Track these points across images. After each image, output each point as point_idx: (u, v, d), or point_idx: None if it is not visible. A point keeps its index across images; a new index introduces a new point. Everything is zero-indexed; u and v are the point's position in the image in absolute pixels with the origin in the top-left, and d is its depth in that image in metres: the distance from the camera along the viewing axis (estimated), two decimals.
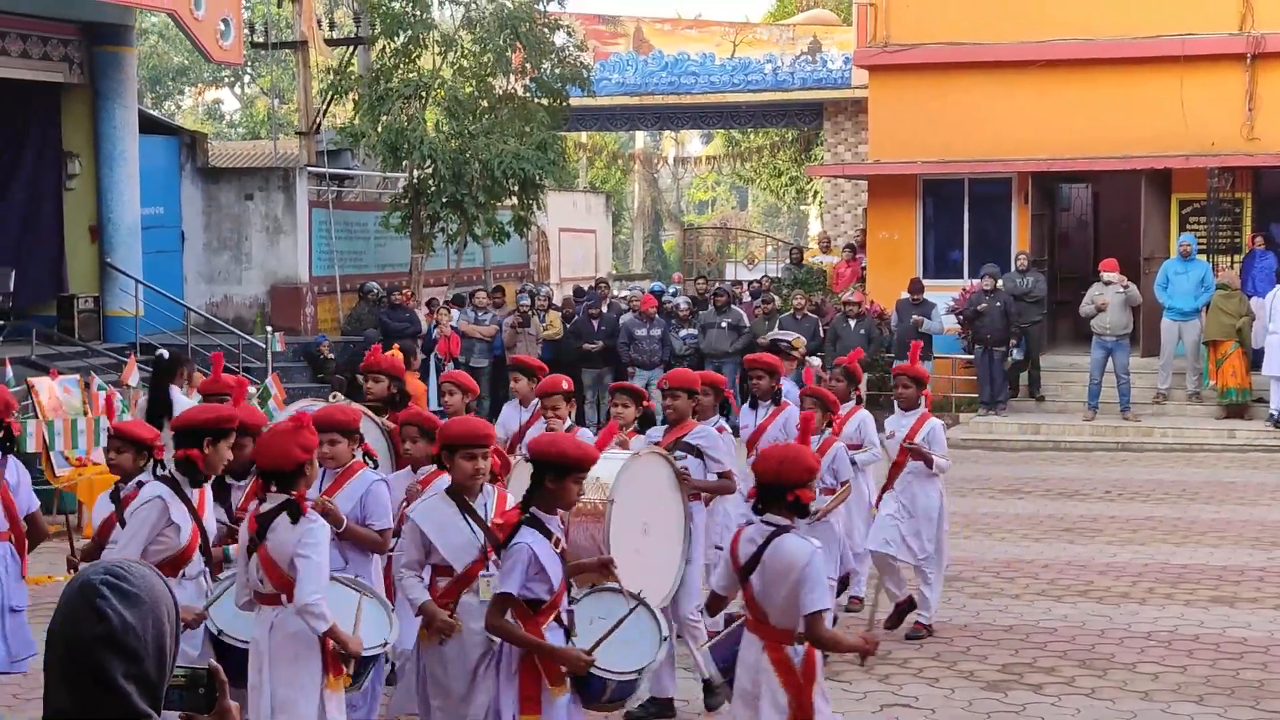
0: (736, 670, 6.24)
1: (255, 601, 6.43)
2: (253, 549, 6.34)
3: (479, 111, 23.70)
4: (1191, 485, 16.55)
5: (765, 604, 6.09)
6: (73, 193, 21.50)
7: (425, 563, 6.67)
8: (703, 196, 65.17)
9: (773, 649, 6.08)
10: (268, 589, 6.35)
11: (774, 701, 6.06)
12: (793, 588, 5.95)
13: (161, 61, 51.31)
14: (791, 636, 6.06)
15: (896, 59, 22.63)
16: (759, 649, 6.12)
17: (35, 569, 10.54)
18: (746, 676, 6.17)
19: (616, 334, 21.64)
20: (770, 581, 6.04)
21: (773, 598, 6.05)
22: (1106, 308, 19.84)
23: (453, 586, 6.62)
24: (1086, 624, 10.63)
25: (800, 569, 5.92)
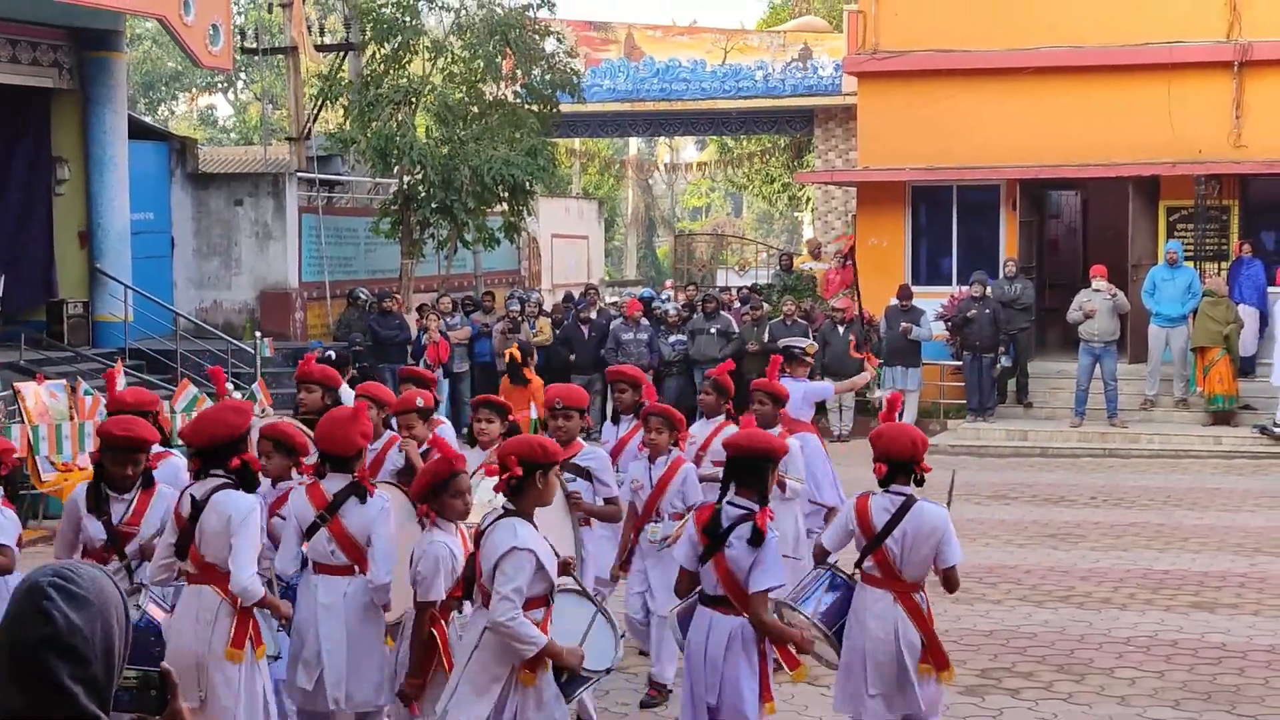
0: (867, 621, 6.96)
1: (319, 572, 7.04)
2: (321, 524, 6.97)
3: (469, 117, 23.74)
4: (1177, 491, 16.59)
5: (902, 562, 6.91)
6: (62, 198, 21.53)
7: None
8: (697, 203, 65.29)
9: (905, 599, 6.93)
10: (339, 561, 7.02)
11: (909, 642, 6.92)
12: (934, 546, 6.92)
13: (155, 67, 51.35)
14: (919, 587, 7.00)
15: (885, 66, 22.68)
16: (890, 600, 6.93)
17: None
18: (880, 626, 6.92)
19: (605, 340, 21.68)
20: (913, 542, 6.90)
21: (911, 556, 6.91)
22: (1095, 314, 19.89)
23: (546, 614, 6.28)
24: (1066, 629, 10.66)
25: (941, 530, 6.98)
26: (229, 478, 6.64)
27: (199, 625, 6.56)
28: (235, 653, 6.54)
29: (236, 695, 6.57)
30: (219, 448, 6.67)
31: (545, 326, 22.29)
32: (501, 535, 6.05)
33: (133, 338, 21.11)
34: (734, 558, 6.41)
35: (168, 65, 52.01)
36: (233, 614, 6.58)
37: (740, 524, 6.41)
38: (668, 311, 22.23)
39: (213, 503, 6.54)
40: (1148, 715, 8.69)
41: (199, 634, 6.55)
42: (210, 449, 6.70)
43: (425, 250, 24.39)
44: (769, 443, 6.78)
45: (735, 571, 6.42)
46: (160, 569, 6.78)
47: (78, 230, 21.62)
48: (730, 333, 21.62)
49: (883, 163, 22.85)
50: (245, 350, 20.92)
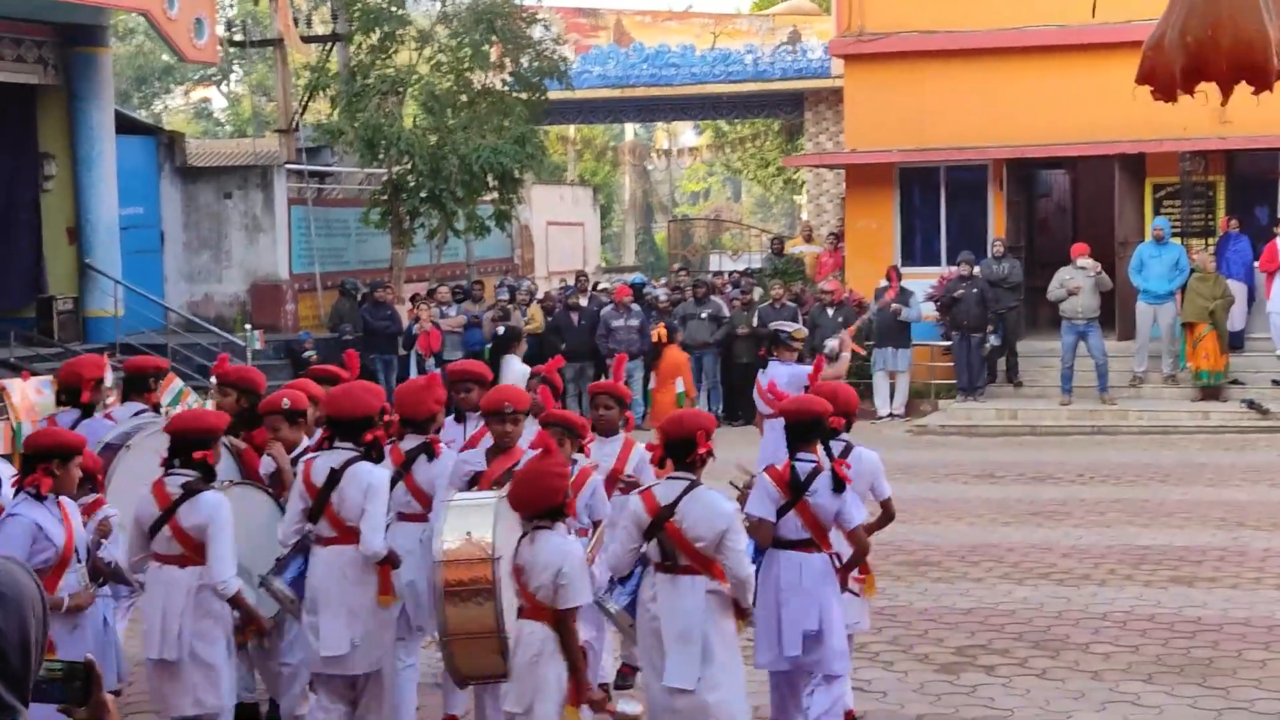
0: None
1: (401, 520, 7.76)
2: (398, 479, 7.65)
3: (457, 106, 23.76)
4: (1163, 467, 16.63)
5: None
6: (50, 194, 21.57)
7: None
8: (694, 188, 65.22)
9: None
10: (416, 509, 7.87)
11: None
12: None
13: (148, 61, 51.34)
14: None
15: (872, 48, 22.69)
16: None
17: None
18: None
19: (597, 326, 21.71)
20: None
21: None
22: (1079, 292, 19.92)
23: None
24: (1044, 606, 10.71)
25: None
26: (358, 450, 7.27)
27: (343, 581, 7.21)
28: (385, 599, 7.27)
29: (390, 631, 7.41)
30: (354, 423, 7.32)
31: (536, 314, 22.31)
32: (719, 503, 6.72)
33: (124, 333, 21.15)
34: (819, 505, 7.29)
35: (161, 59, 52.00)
36: (375, 566, 7.25)
37: (816, 475, 7.28)
38: (658, 297, 22.25)
39: (351, 473, 7.16)
40: (1120, 689, 8.74)
41: (344, 588, 7.20)
42: (345, 423, 7.34)
43: (416, 240, 24.43)
44: (816, 406, 7.59)
45: (821, 516, 7.30)
46: (292, 532, 7.38)
47: (66, 226, 21.66)
48: (721, 317, 21.66)
49: (870, 145, 22.86)
50: (236, 343, 20.95)
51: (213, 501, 7.02)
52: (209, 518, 6.96)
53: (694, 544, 6.64)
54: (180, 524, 7.00)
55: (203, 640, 7.04)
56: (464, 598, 6.59)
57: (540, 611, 6.31)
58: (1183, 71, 4.14)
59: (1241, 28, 3.94)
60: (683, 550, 6.70)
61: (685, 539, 6.64)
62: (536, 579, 6.27)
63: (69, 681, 3.08)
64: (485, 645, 6.58)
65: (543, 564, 6.25)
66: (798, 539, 7.31)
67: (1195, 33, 4.06)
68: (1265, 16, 4.03)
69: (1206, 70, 4.13)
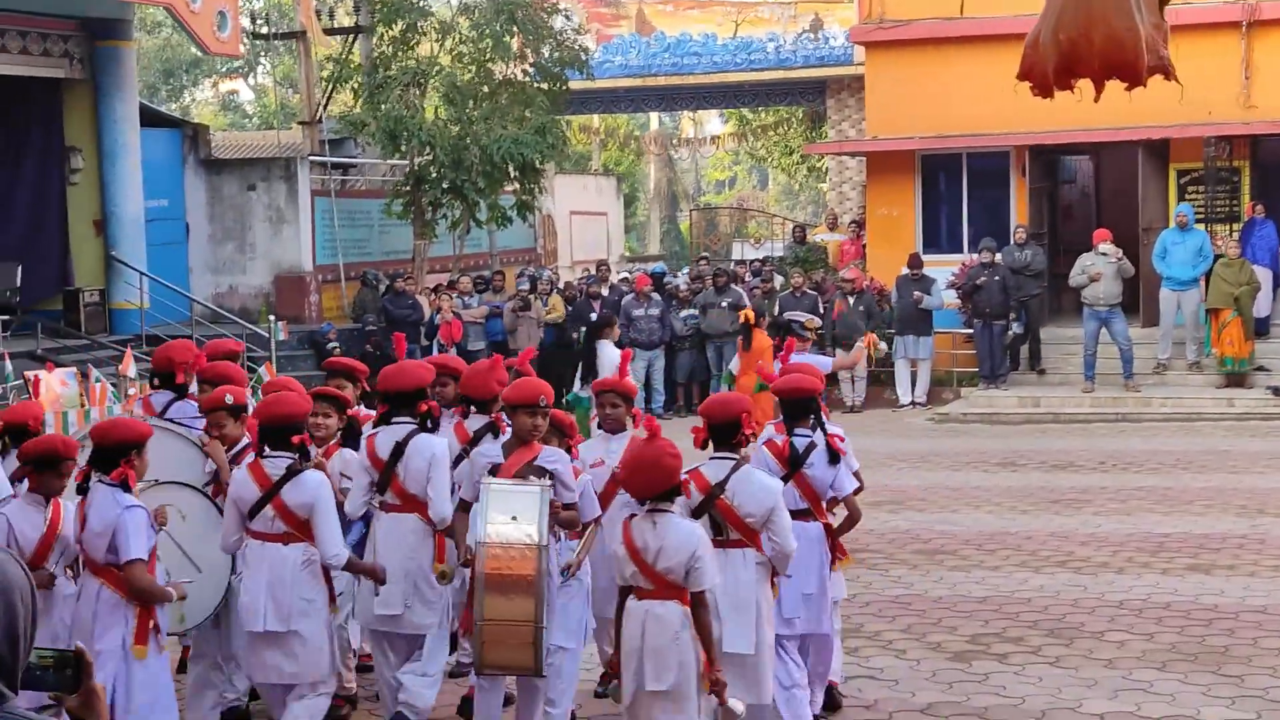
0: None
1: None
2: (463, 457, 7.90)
3: (478, 97, 23.80)
4: (1186, 455, 16.58)
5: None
6: (76, 187, 21.73)
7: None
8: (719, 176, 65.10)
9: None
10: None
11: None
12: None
13: (175, 54, 51.49)
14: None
15: (892, 35, 22.65)
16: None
17: None
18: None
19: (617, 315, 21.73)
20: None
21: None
22: (1100, 278, 19.86)
23: None
24: (1061, 594, 10.71)
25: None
26: (414, 421, 7.77)
27: (403, 546, 7.70)
28: (439, 567, 7.72)
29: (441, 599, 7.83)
30: (409, 395, 7.84)
31: (557, 304, 22.37)
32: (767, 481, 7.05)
33: (149, 324, 21.28)
34: (815, 476, 7.74)
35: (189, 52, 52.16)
36: (432, 534, 7.72)
37: (812, 450, 7.74)
38: (678, 286, 22.28)
39: (414, 445, 7.71)
40: (1133, 677, 8.74)
41: (403, 554, 7.68)
42: (400, 396, 7.85)
43: (438, 230, 24.49)
44: (809, 384, 7.98)
45: (818, 487, 7.77)
46: (360, 504, 7.89)
47: (92, 219, 21.81)
48: (741, 306, 21.64)
49: (892, 132, 22.83)
50: (260, 334, 21.07)
51: (316, 480, 7.30)
52: (314, 496, 7.23)
53: (745, 519, 6.89)
54: (285, 503, 7.23)
55: (309, 613, 7.28)
56: (506, 586, 6.66)
57: (672, 590, 6.38)
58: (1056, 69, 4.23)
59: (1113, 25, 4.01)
60: (733, 525, 6.95)
61: (736, 515, 6.89)
62: (667, 561, 6.34)
63: (60, 669, 3.14)
64: (520, 635, 6.65)
65: (675, 547, 6.33)
66: (796, 509, 7.55)
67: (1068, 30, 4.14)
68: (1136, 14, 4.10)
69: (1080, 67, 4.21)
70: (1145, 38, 4.19)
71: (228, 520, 7.39)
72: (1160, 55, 4.19)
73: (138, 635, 6.79)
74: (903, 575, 11.50)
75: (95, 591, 6.81)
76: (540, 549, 6.69)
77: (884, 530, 13.03)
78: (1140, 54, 4.15)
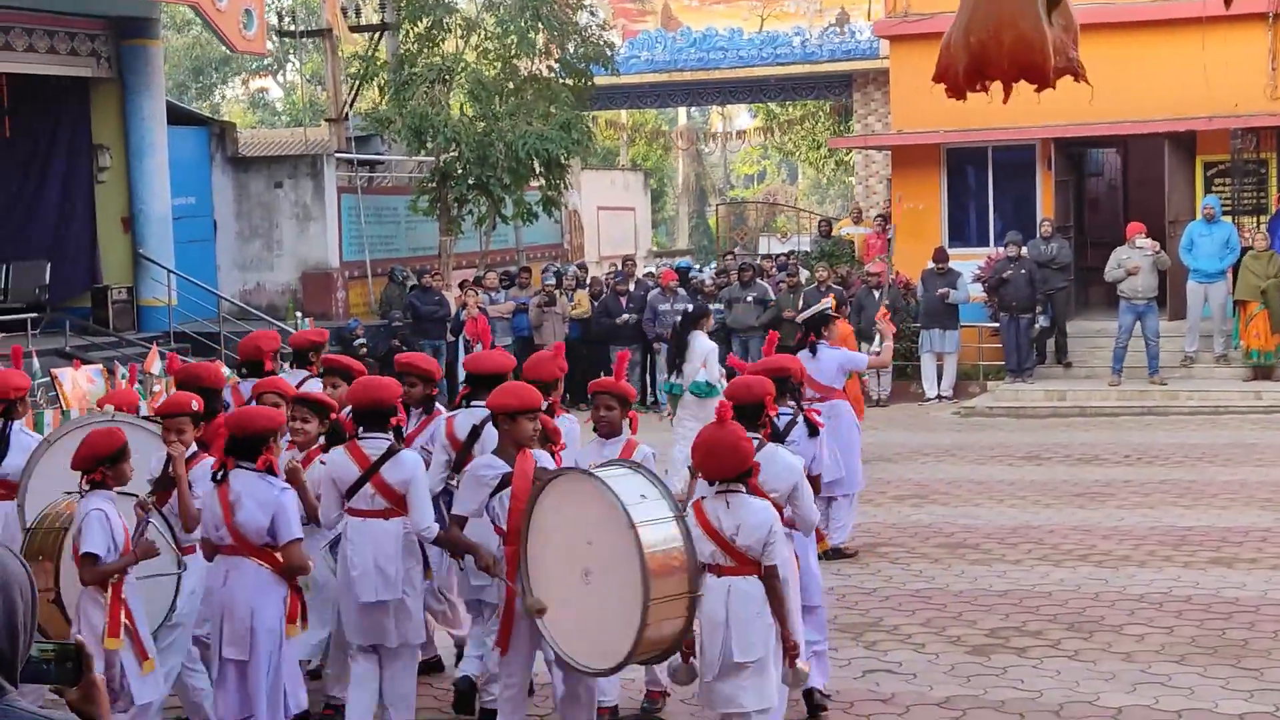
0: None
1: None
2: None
3: (504, 94, 23.86)
4: (1212, 448, 16.51)
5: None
6: (104, 185, 21.86)
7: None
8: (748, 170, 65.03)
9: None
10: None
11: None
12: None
13: (205, 52, 51.74)
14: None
15: (917, 28, 22.54)
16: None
17: None
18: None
19: (643, 311, 21.78)
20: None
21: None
22: (1138, 271, 19.77)
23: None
24: (1082, 587, 10.68)
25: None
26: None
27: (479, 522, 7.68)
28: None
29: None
30: (489, 379, 8.24)
31: (583, 299, 22.41)
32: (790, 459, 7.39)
33: (177, 321, 21.42)
34: (797, 451, 7.95)
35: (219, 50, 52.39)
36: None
37: (794, 425, 8.31)
38: (704, 281, 22.28)
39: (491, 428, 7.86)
40: (1151, 670, 8.72)
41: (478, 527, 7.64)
42: (482, 380, 8.35)
43: (464, 226, 24.56)
44: (784, 363, 8.59)
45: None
46: (439, 481, 8.23)
47: (120, 216, 21.95)
48: (767, 300, 21.66)
49: (917, 126, 22.78)
50: (287, 330, 21.14)
51: (412, 459, 7.73)
52: (411, 473, 7.61)
53: (770, 495, 7.13)
54: (385, 480, 7.61)
55: (412, 582, 7.73)
56: (663, 563, 6.67)
57: (751, 566, 6.72)
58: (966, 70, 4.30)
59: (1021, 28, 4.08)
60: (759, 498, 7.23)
61: (761, 490, 7.09)
62: (747, 538, 6.69)
63: (61, 662, 3.18)
64: (678, 606, 6.71)
65: (754, 524, 6.68)
66: None
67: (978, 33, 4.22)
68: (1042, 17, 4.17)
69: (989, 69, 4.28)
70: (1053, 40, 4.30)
71: (327, 499, 7.71)
72: (1069, 57, 4.30)
73: (291, 613, 7.23)
74: (924, 569, 11.50)
75: (253, 571, 7.18)
76: (679, 519, 6.77)
77: (906, 524, 13.03)
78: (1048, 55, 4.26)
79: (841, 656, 9.26)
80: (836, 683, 8.75)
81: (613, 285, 22.68)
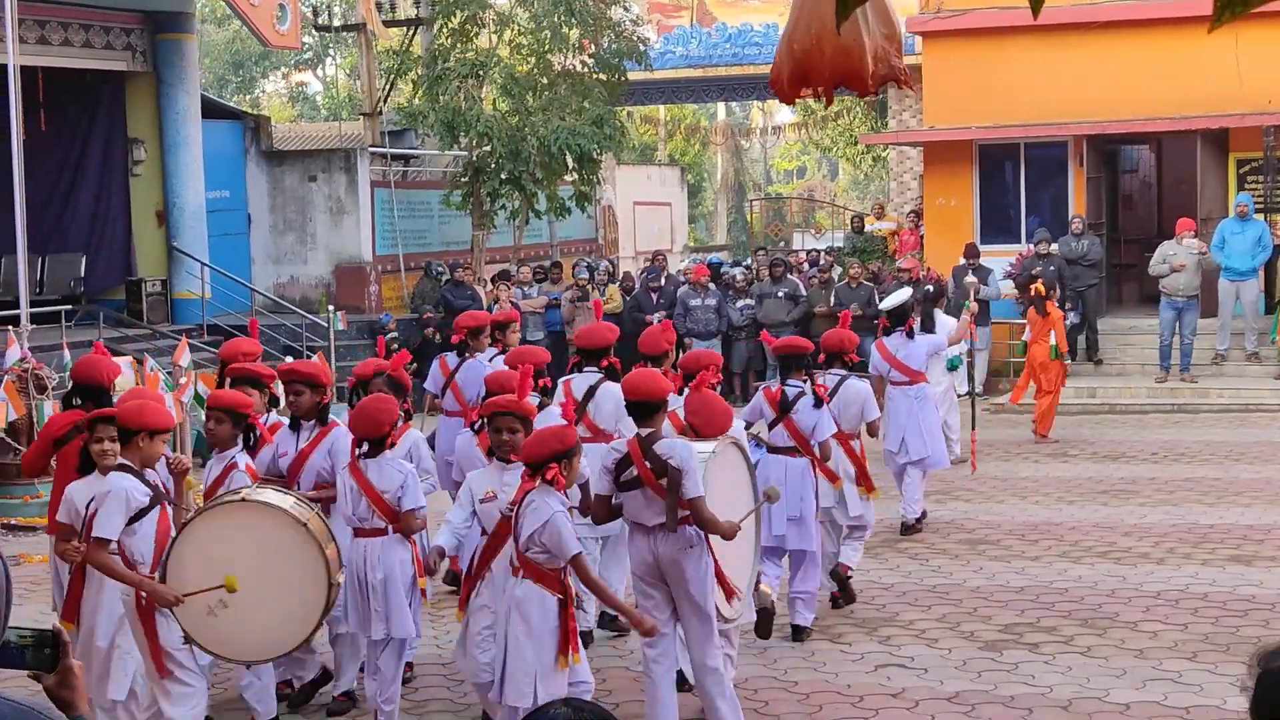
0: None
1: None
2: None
3: (537, 89, 23.92)
4: (1240, 446, 16.44)
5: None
6: (139, 179, 22.06)
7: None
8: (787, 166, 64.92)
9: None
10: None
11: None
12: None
13: (245, 46, 52.02)
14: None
15: (949, 25, 22.54)
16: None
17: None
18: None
19: (674, 306, 21.81)
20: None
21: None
22: (1183, 269, 19.64)
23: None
24: (1099, 584, 10.68)
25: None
26: (601, 371, 9.72)
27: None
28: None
29: None
30: (598, 351, 9.82)
31: (615, 294, 22.45)
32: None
33: (210, 314, 21.59)
34: (800, 420, 9.40)
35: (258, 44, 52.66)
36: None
37: (800, 397, 9.41)
38: (735, 277, 22.30)
39: (603, 389, 9.60)
40: (1163, 667, 8.73)
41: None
42: (590, 351, 9.83)
43: (496, 221, 24.65)
44: (801, 344, 9.97)
45: (802, 429, 9.40)
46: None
47: (155, 210, 22.15)
48: (798, 296, 21.66)
49: (949, 122, 22.74)
50: (320, 324, 21.30)
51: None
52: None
53: (801, 433, 9.32)
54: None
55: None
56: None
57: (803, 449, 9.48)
58: (790, 76, 4.41)
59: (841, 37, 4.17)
60: (791, 435, 9.38)
61: (796, 428, 9.34)
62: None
63: (39, 648, 3.25)
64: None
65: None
66: (785, 446, 9.46)
67: (801, 41, 4.33)
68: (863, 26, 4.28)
69: (812, 76, 4.39)
70: (873, 48, 4.41)
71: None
72: (891, 64, 4.43)
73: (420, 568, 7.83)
74: (943, 565, 11.52)
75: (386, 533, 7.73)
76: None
77: (929, 520, 13.01)
78: (867, 64, 4.37)
79: (855, 651, 9.30)
80: (848, 677, 8.81)
81: (645, 281, 22.72)
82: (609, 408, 9.42)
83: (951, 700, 8.36)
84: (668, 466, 7.08)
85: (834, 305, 20.80)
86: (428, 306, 21.66)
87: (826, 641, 9.56)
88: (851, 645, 9.42)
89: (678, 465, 7.06)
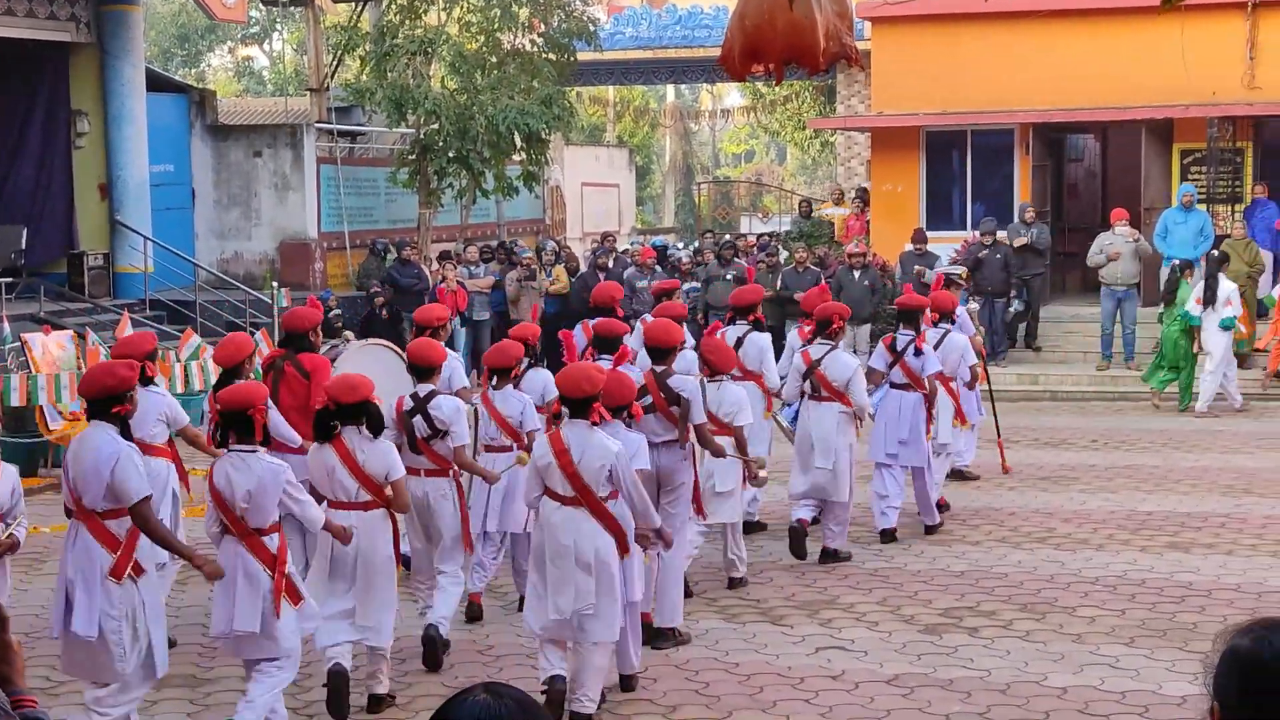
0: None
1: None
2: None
3: (486, 67, 23.81)
4: (1179, 434, 16.61)
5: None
6: (82, 151, 21.81)
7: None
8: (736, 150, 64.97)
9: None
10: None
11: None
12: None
13: (191, 19, 51.55)
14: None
15: (898, 10, 22.56)
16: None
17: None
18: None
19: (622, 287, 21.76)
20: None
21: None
22: (1118, 258, 19.82)
23: None
24: (1038, 569, 10.77)
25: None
26: (749, 325, 11.72)
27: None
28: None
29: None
30: (748, 307, 11.85)
31: (561, 274, 22.41)
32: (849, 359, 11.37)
33: (153, 289, 21.39)
34: (910, 362, 11.74)
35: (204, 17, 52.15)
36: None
37: (909, 346, 11.74)
38: (681, 259, 22.31)
39: (749, 338, 11.63)
40: (1100, 652, 8.81)
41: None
42: (741, 308, 11.83)
43: (443, 200, 24.54)
44: (918, 300, 12.26)
45: (914, 369, 11.70)
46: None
47: (98, 183, 21.91)
48: (744, 279, 21.67)
49: (896, 108, 22.83)
50: (263, 300, 21.16)
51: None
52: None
53: (832, 384, 10.93)
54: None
55: None
56: None
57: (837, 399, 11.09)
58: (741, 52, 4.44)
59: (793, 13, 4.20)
60: (824, 387, 10.97)
61: (827, 380, 10.94)
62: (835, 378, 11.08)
63: None
64: None
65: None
66: (900, 383, 11.81)
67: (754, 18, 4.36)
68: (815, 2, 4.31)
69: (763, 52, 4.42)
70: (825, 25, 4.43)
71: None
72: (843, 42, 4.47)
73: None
74: (884, 548, 11.58)
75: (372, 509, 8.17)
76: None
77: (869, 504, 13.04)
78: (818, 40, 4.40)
79: (796, 633, 9.34)
80: (789, 659, 8.84)
81: (593, 261, 22.69)
82: (753, 352, 11.62)
83: (891, 683, 8.41)
84: (679, 397, 9.13)
85: (780, 289, 20.88)
86: (375, 283, 21.56)
87: (767, 624, 9.59)
88: (793, 627, 9.46)
89: (687, 396, 9.15)
